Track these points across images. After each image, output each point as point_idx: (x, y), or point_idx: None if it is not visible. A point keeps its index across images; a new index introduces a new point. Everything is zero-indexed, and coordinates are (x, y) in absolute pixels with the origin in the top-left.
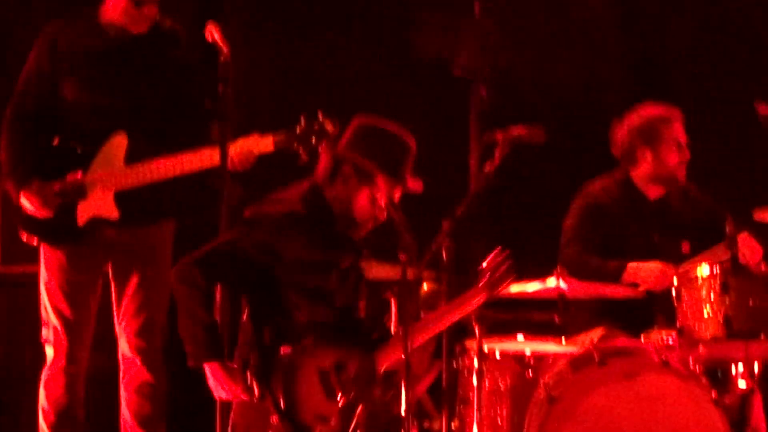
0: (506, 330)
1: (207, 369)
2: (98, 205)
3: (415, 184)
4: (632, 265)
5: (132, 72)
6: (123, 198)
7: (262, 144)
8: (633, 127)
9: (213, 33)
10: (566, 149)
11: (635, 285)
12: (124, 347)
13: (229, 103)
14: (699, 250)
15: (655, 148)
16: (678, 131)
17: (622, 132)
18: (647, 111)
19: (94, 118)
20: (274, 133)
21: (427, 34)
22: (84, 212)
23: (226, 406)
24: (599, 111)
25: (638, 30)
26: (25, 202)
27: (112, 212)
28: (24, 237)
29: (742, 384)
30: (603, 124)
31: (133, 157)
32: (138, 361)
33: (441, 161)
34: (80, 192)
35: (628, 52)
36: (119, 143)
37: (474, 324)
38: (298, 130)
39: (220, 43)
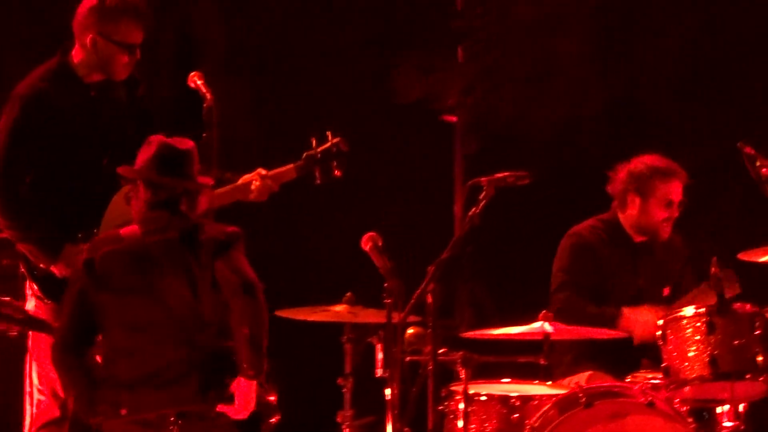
0: (492, 373)
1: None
2: None
3: None
4: (627, 311)
5: (117, 121)
6: None
7: (284, 174)
8: (632, 172)
9: (196, 80)
10: (549, 194)
11: (629, 332)
12: None
13: (214, 147)
14: (678, 295)
15: (645, 199)
16: (674, 189)
17: (621, 174)
18: (651, 161)
19: (90, 172)
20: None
21: (410, 78)
22: None
23: None
24: (580, 152)
25: (617, 69)
26: (59, 269)
27: None
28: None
29: (727, 423)
30: (584, 165)
31: None
32: None
33: (426, 206)
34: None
35: (608, 92)
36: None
37: (459, 368)
38: (318, 156)
39: (203, 90)
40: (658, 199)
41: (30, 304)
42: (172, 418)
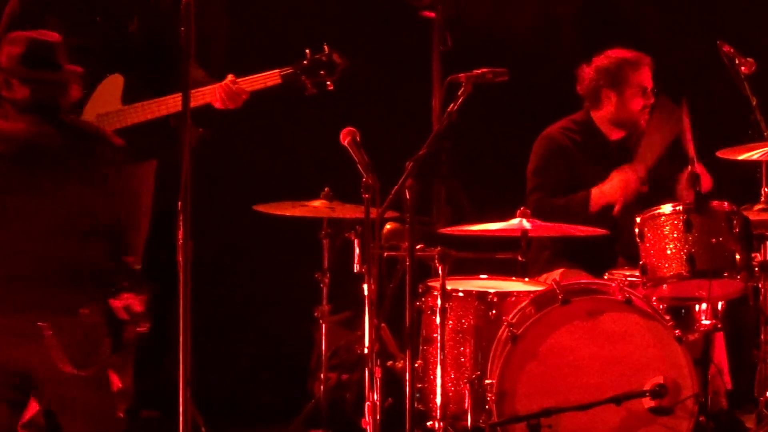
0: (469, 269)
1: None
2: None
3: None
4: (595, 189)
5: (116, 13)
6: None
7: (269, 78)
8: (601, 68)
9: None
10: (527, 91)
11: (609, 206)
12: None
13: (191, 43)
14: (658, 192)
15: (620, 92)
16: (645, 77)
17: (589, 72)
18: (617, 54)
19: (82, 60)
20: (280, 68)
21: None
22: None
23: (191, 344)
24: (556, 52)
25: None
26: None
27: None
28: None
29: (705, 322)
30: (561, 63)
31: (128, 96)
32: None
33: (404, 102)
34: None
35: None
36: (115, 83)
37: (437, 263)
38: (305, 63)
39: None
40: (634, 89)
41: None
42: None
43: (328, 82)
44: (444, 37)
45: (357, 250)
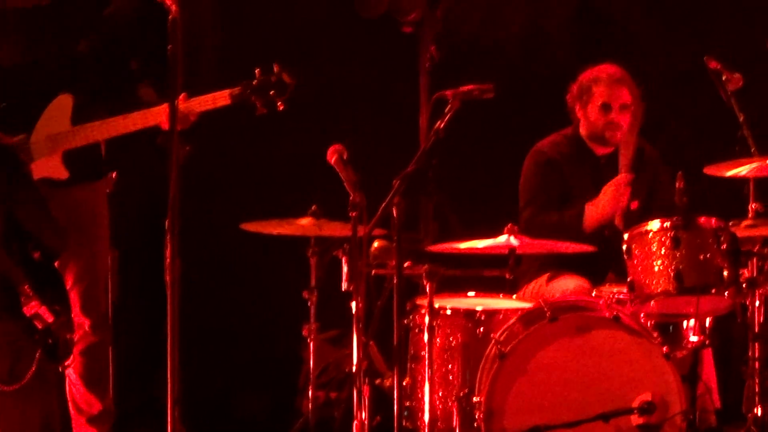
0: (457, 287)
1: None
2: (46, 166)
3: None
4: (589, 205)
5: (67, 32)
6: (69, 156)
7: (218, 98)
8: (575, 84)
9: None
10: (515, 106)
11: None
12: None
13: (178, 61)
14: (648, 209)
15: (584, 107)
16: (610, 93)
17: (571, 87)
18: (593, 69)
19: (33, 80)
20: (230, 88)
21: None
22: (32, 174)
23: (179, 363)
24: (546, 67)
25: None
26: None
27: (61, 173)
28: None
29: (693, 338)
30: (551, 80)
31: (78, 116)
32: (86, 325)
33: (391, 119)
34: (26, 155)
35: (573, 3)
36: (65, 104)
37: (425, 281)
38: (254, 83)
39: (168, 2)
40: (594, 104)
41: None
42: None
43: (278, 102)
44: (431, 53)
45: (345, 268)
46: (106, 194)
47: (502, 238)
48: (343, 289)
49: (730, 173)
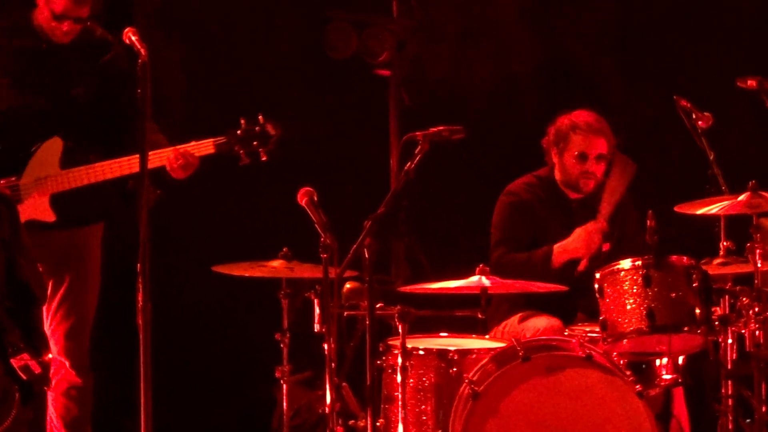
0: (429, 327)
1: None
2: (34, 208)
3: None
4: (557, 246)
5: (63, 76)
6: (57, 200)
7: (202, 147)
8: (553, 127)
9: (131, 36)
10: (484, 148)
11: (571, 263)
12: (52, 349)
13: (146, 104)
14: (619, 250)
15: (561, 153)
16: (588, 143)
17: (549, 131)
18: (572, 116)
19: (26, 122)
20: (215, 137)
21: (344, 33)
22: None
23: (152, 405)
24: (514, 109)
25: (552, 25)
26: None
27: (48, 215)
28: None
29: (666, 376)
30: (519, 122)
31: (68, 160)
32: (67, 364)
33: (362, 161)
34: (16, 196)
35: (542, 48)
36: (54, 147)
37: (397, 322)
38: (239, 133)
39: (138, 46)
40: (571, 153)
41: None
42: None
43: (262, 153)
44: (401, 95)
45: (317, 310)
46: (98, 238)
47: (474, 279)
48: (315, 331)
49: (700, 211)
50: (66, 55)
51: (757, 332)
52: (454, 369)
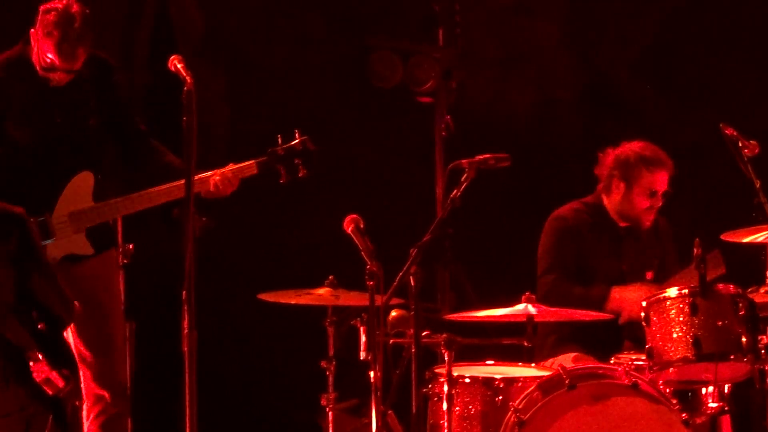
0: (475, 355)
1: None
2: (70, 243)
3: None
4: (616, 291)
5: (78, 107)
6: (91, 231)
7: (245, 169)
8: (619, 157)
9: (176, 64)
10: (528, 175)
11: (618, 313)
12: (90, 382)
13: (194, 131)
14: (662, 278)
15: (629, 186)
16: (657, 179)
17: (609, 158)
18: (639, 148)
19: (49, 158)
20: (256, 158)
21: (389, 61)
22: (55, 251)
23: None
24: (556, 135)
25: (594, 52)
26: None
27: (87, 249)
28: None
29: (712, 404)
30: (561, 148)
31: (99, 192)
32: (107, 396)
33: (407, 189)
34: (48, 233)
35: (584, 75)
36: (86, 181)
37: (443, 350)
38: (280, 151)
39: (183, 74)
40: (642, 188)
41: None
42: None
43: (301, 169)
44: (446, 123)
45: (363, 338)
46: (117, 264)
47: (520, 307)
48: (361, 359)
49: (747, 239)
50: (81, 87)
51: None
52: (500, 397)
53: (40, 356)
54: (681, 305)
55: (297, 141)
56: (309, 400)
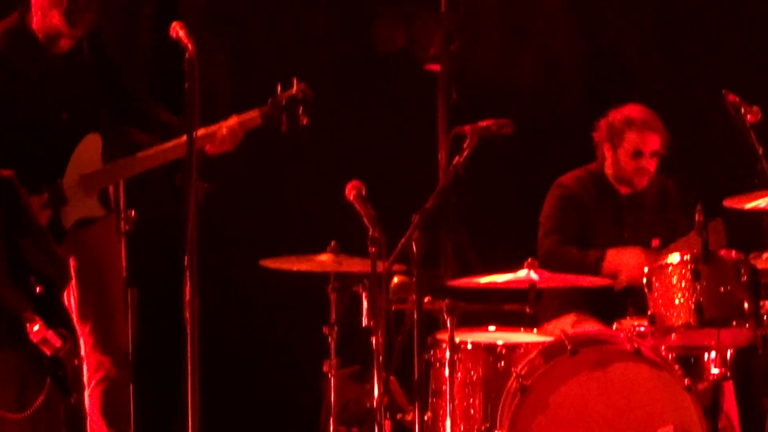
0: (478, 321)
1: None
2: (83, 206)
3: None
4: (612, 252)
5: (79, 74)
6: (102, 193)
7: (249, 119)
8: (607, 122)
9: (178, 31)
10: (531, 142)
11: (614, 276)
12: (91, 348)
13: (195, 98)
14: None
15: (615, 149)
16: (641, 140)
17: (601, 124)
18: (625, 111)
19: (57, 128)
20: (259, 108)
21: (392, 27)
22: (70, 216)
23: (199, 400)
24: (561, 102)
25: (599, 19)
26: None
27: (99, 211)
28: None
29: (714, 371)
30: (565, 115)
31: (107, 154)
32: (107, 362)
33: (409, 155)
34: (61, 199)
35: (589, 42)
36: (94, 143)
37: (445, 316)
38: (283, 102)
39: (185, 41)
40: (625, 149)
41: None
42: None
43: (302, 117)
44: (449, 90)
45: (365, 304)
46: (117, 229)
47: (522, 273)
48: (363, 325)
49: (749, 206)
50: (77, 57)
51: None
52: (502, 363)
53: (35, 317)
54: (683, 271)
55: (296, 89)
56: (311, 366)
